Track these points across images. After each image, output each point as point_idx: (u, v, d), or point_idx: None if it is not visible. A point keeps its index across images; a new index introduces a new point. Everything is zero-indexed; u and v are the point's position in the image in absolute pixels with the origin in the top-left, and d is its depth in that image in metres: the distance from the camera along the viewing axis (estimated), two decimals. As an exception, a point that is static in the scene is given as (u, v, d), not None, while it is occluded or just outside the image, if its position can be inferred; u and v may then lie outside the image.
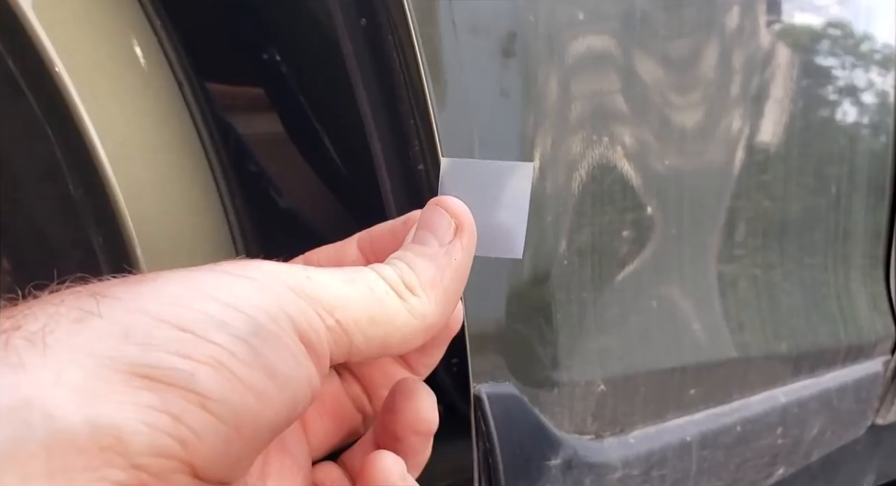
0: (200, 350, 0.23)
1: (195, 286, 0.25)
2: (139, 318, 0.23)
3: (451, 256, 0.31)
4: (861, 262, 0.81)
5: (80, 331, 0.23)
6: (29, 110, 0.45)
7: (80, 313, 0.23)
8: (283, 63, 0.45)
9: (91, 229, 0.46)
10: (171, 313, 0.24)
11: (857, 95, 0.77)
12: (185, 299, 0.24)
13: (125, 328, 0.23)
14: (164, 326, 0.23)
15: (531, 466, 0.46)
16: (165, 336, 0.23)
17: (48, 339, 0.22)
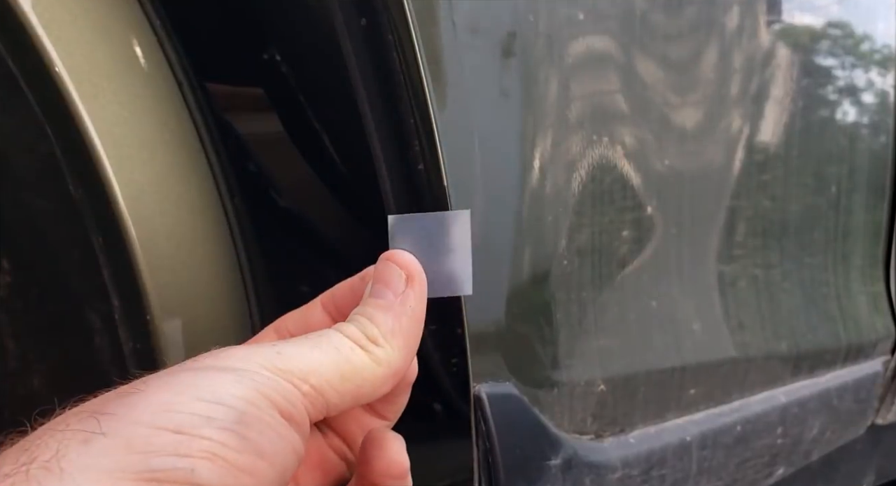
0: (195, 446, 0.27)
1: (180, 390, 0.28)
2: (137, 429, 0.27)
3: (405, 304, 0.34)
4: (861, 261, 0.81)
5: (87, 451, 0.26)
6: (29, 110, 0.45)
7: (86, 434, 0.27)
8: (282, 63, 0.45)
9: (91, 229, 0.47)
10: (164, 419, 0.27)
11: (856, 94, 0.77)
12: (173, 405, 0.27)
13: (127, 441, 0.26)
14: (160, 432, 0.27)
15: (531, 466, 0.46)
16: (163, 441, 0.26)
17: (62, 464, 0.26)
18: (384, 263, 0.35)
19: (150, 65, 0.47)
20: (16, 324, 0.54)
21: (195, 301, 0.47)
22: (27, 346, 0.54)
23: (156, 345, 0.46)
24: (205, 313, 0.48)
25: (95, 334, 0.51)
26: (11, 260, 0.52)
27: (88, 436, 0.27)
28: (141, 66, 0.46)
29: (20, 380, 0.55)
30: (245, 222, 0.49)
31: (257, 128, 0.50)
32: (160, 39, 0.47)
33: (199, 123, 0.48)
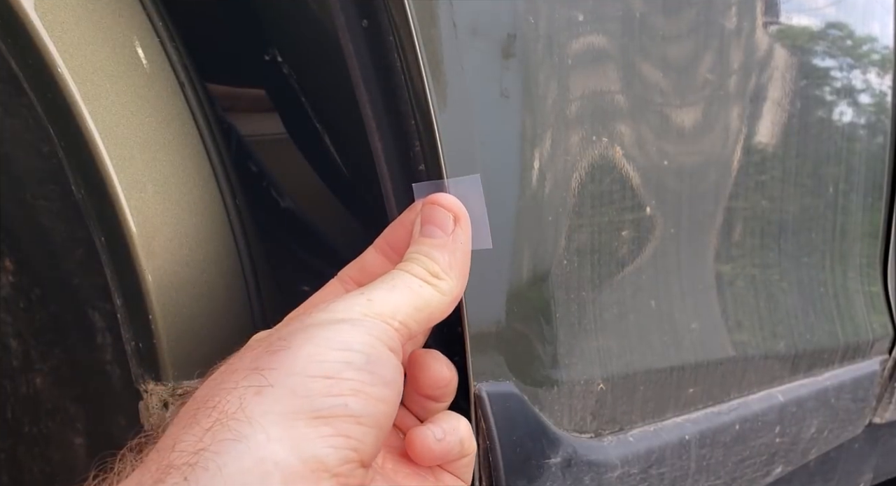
0: (343, 387, 0.34)
1: (318, 343, 0.35)
2: (296, 379, 0.34)
3: (457, 241, 0.40)
4: (858, 261, 0.81)
5: (263, 401, 0.33)
6: (32, 111, 0.45)
7: (257, 388, 0.33)
8: (284, 64, 0.46)
9: (93, 229, 0.47)
10: (314, 368, 0.34)
11: (854, 95, 0.77)
12: (317, 356, 0.34)
13: (291, 389, 0.33)
14: (315, 379, 0.34)
15: (531, 464, 0.47)
16: (318, 386, 0.34)
17: (247, 413, 0.32)
18: (430, 206, 0.41)
19: (152, 66, 0.47)
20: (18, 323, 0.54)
21: (197, 301, 0.47)
22: (30, 345, 0.55)
23: (157, 344, 0.46)
24: (206, 312, 0.48)
25: (97, 333, 0.51)
26: (14, 260, 0.53)
27: (259, 389, 0.33)
28: (143, 67, 0.46)
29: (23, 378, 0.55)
30: (246, 222, 0.50)
31: (259, 128, 0.50)
32: (162, 40, 0.47)
33: (201, 124, 0.48)
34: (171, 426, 0.34)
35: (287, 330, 0.36)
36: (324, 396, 0.33)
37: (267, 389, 0.33)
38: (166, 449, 0.32)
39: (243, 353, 0.37)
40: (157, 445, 0.33)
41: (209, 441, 0.32)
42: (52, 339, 0.54)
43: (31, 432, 0.55)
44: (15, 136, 0.48)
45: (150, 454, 0.33)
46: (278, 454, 0.32)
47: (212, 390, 0.34)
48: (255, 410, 0.33)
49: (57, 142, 0.46)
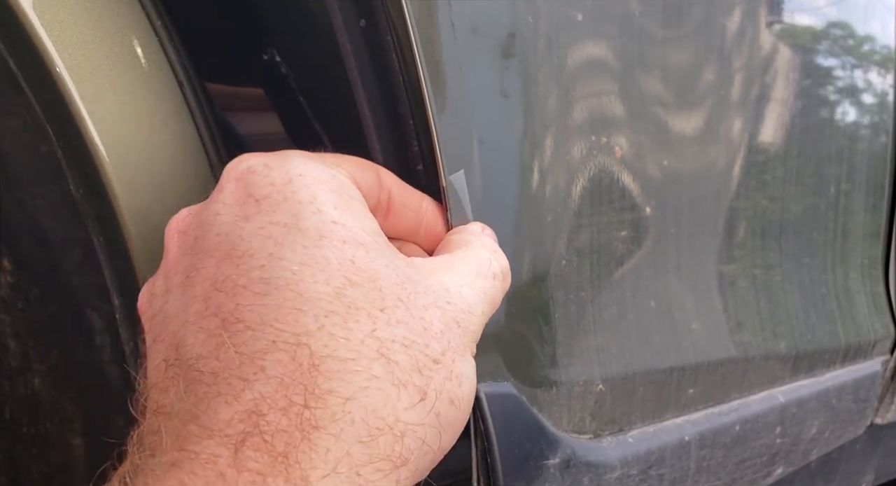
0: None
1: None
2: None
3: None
4: (860, 262, 0.81)
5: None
6: (30, 110, 0.45)
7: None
8: (282, 64, 0.46)
9: (92, 229, 0.47)
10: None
11: (856, 95, 0.77)
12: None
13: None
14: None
15: (529, 465, 0.46)
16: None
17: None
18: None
19: (151, 65, 0.47)
20: (17, 323, 0.54)
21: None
22: (28, 345, 0.55)
23: (156, 344, 0.46)
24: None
25: (96, 333, 0.51)
26: (13, 260, 0.53)
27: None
28: (141, 66, 0.46)
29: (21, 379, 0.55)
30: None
31: (257, 128, 0.50)
32: (161, 40, 0.47)
33: (200, 124, 0.48)
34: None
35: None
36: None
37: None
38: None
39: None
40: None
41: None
42: (51, 339, 0.53)
43: (30, 432, 0.55)
44: (13, 135, 0.48)
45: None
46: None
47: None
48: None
49: (55, 141, 0.46)
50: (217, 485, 0.27)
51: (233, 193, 0.34)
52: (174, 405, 0.30)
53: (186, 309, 0.32)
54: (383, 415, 0.30)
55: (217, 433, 0.28)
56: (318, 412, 0.28)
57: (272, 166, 0.34)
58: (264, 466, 0.27)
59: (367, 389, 0.29)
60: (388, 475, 0.29)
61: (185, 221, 0.36)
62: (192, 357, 0.31)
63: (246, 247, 0.32)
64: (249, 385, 0.29)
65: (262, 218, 0.32)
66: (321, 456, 0.28)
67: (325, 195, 0.33)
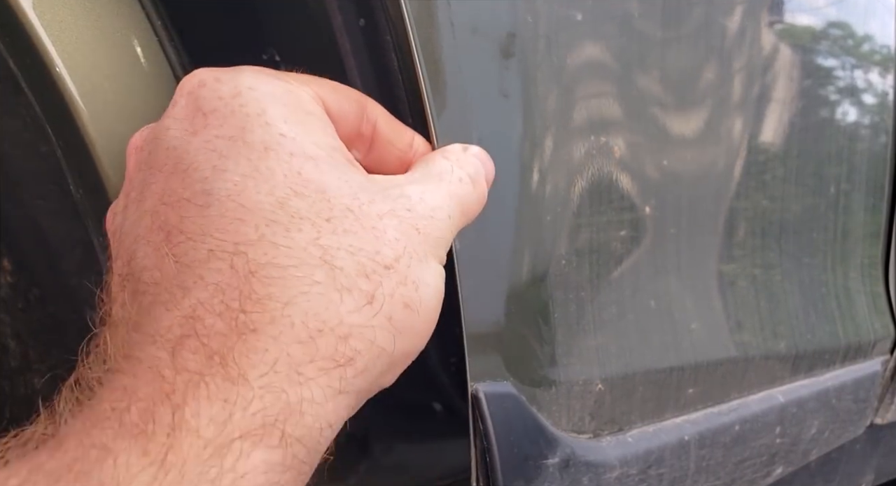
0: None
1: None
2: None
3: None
4: (860, 262, 0.81)
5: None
6: (30, 111, 0.45)
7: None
8: (282, 63, 0.46)
9: (91, 229, 0.47)
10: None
11: (856, 95, 0.77)
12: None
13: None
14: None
15: (529, 465, 0.46)
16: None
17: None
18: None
19: (151, 65, 0.47)
20: (17, 323, 0.54)
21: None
22: (28, 345, 0.55)
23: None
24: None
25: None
26: (13, 260, 0.52)
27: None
28: (141, 66, 0.46)
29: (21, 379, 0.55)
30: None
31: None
32: (161, 40, 0.47)
33: (199, 124, 0.48)
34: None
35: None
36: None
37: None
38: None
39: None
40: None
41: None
42: (51, 339, 0.53)
43: (30, 432, 0.55)
44: (13, 135, 0.48)
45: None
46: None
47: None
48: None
49: (55, 141, 0.46)
50: (157, 385, 0.28)
51: (183, 108, 0.34)
52: (119, 315, 0.31)
53: (138, 224, 0.33)
54: (324, 318, 0.30)
55: (158, 339, 0.29)
56: (254, 315, 0.29)
57: (222, 80, 0.34)
58: (201, 365, 0.28)
59: (308, 294, 0.30)
60: (330, 372, 0.30)
61: (142, 135, 0.36)
62: (138, 270, 0.32)
63: (191, 160, 0.32)
64: (188, 293, 0.30)
65: (208, 132, 0.33)
66: (259, 356, 0.29)
67: (276, 109, 0.33)
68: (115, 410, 0.27)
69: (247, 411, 0.28)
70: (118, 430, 0.27)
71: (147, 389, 0.28)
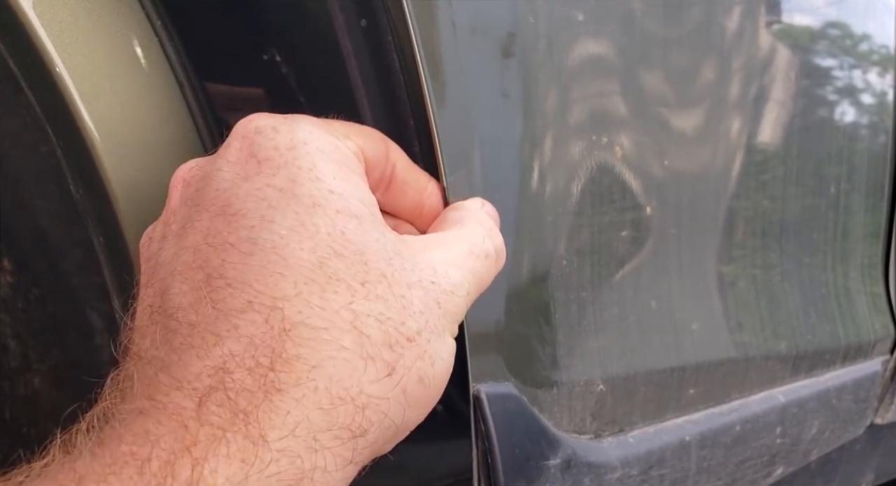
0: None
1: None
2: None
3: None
4: (860, 262, 0.81)
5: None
6: (30, 111, 0.45)
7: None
8: (283, 64, 0.45)
9: (91, 229, 0.47)
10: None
11: (856, 95, 0.77)
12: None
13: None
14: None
15: (530, 465, 0.46)
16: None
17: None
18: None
19: (151, 65, 0.47)
20: (17, 324, 0.54)
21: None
22: (28, 345, 0.54)
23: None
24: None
25: (96, 333, 0.51)
26: (13, 260, 0.52)
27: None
28: (141, 66, 0.46)
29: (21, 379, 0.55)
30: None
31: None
32: (161, 40, 0.47)
33: (200, 124, 0.48)
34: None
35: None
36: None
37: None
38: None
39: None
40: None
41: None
42: (51, 339, 0.53)
43: (30, 433, 0.55)
44: (13, 135, 0.48)
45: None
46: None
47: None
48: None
49: (55, 141, 0.45)
50: (180, 435, 0.28)
51: (237, 151, 0.34)
52: (149, 353, 0.31)
53: (177, 258, 0.33)
54: (347, 386, 0.30)
55: (185, 385, 0.29)
56: (282, 375, 0.29)
57: (279, 130, 0.34)
58: (225, 421, 0.28)
59: (335, 359, 0.30)
60: (346, 443, 0.30)
61: (191, 171, 0.36)
62: (173, 307, 0.31)
63: (240, 206, 0.32)
64: (221, 342, 0.30)
65: (260, 180, 0.33)
66: (281, 418, 0.29)
67: (326, 165, 0.33)
68: (135, 456, 0.27)
69: (262, 473, 0.28)
70: (137, 480, 0.27)
71: (169, 438, 0.28)
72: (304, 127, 0.34)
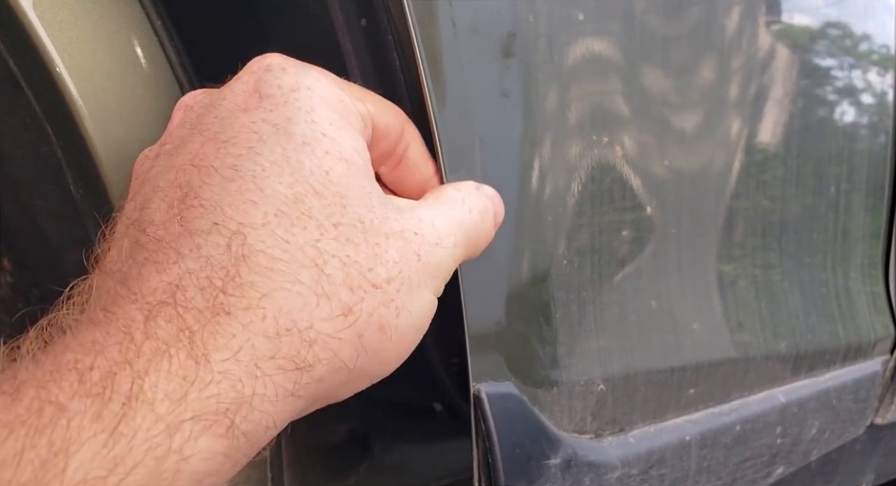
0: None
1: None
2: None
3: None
4: (860, 262, 0.81)
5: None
6: (30, 110, 0.45)
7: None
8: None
9: (91, 229, 0.47)
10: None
11: (855, 95, 0.77)
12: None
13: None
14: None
15: (531, 465, 0.46)
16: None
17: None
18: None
19: (151, 65, 0.47)
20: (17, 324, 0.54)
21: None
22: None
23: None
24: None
25: (96, 333, 0.51)
26: (13, 260, 0.52)
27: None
28: (142, 66, 0.46)
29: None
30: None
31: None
32: (161, 40, 0.47)
33: (200, 124, 0.48)
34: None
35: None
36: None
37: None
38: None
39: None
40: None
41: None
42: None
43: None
44: (13, 135, 0.48)
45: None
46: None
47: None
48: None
49: (55, 141, 0.45)
50: (125, 347, 0.28)
51: (244, 84, 0.35)
52: (115, 265, 0.31)
53: (162, 176, 0.33)
54: (296, 318, 0.30)
55: (139, 299, 0.29)
56: (232, 299, 0.29)
57: (287, 71, 0.35)
58: (171, 337, 0.28)
59: (288, 291, 0.30)
60: (287, 374, 0.30)
61: (196, 97, 0.37)
62: (146, 221, 0.32)
63: (233, 134, 0.33)
64: (181, 259, 0.30)
65: (257, 114, 0.33)
66: (225, 340, 0.29)
67: (325, 112, 0.34)
68: (77, 364, 0.27)
69: (202, 393, 0.28)
70: (77, 388, 0.27)
71: (114, 350, 0.28)
72: (313, 74, 0.35)
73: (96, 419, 0.26)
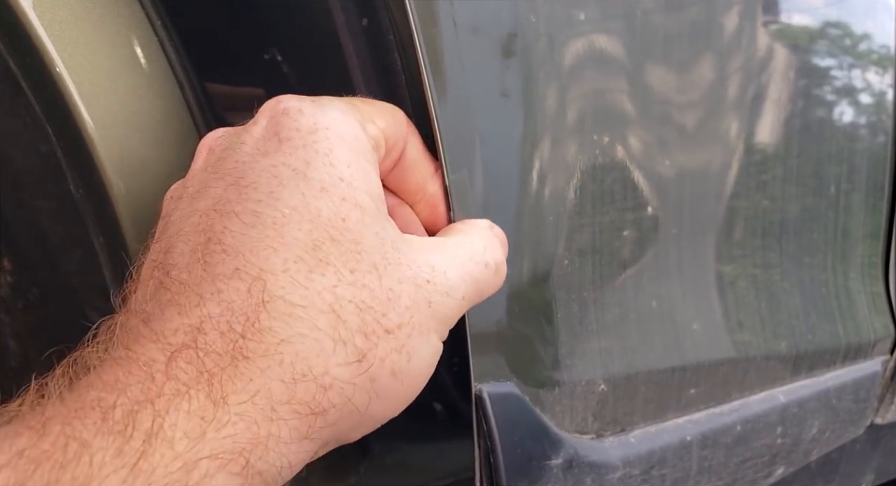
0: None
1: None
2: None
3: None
4: (860, 262, 0.81)
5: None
6: (30, 111, 0.45)
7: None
8: (284, 63, 0.45)
9: (91, 229, 0.46)
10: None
11: (855, 94, 0.77)
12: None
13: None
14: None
15: (532, 465, 0.46)
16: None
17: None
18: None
19: (151, 65, 0.47)
20: (17, 324, 0.54)
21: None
22: (28, 345, 0.54)
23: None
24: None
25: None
26: (13, 260, 0.52)
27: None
28: (142, 66, 0.46)
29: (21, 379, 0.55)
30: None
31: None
32: (161, 40, 0.47)
33: (200, 124, 0.48)
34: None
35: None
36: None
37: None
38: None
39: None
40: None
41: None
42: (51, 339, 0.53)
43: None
44: (13, 135, 0.47)
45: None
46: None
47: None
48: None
49: (55, 141, 0.45)
50: (146, 387, 0.29)
51: (262, 128, 0.36)
52: (139, 306, 0.32)
53: (186, 219, 0.34)
54: (312, 364, 0.31)
55: (161, 339, 0.30)
56: (251, 344, 0.30)
57: (304, 113, 0.35)
58: (191, 378, 0.29)
59: (305, 337, 0.31)
60: (303, 418, 0.31)
61: (218, 140, 0.38)
62: (171, 264, 0.33)
63: (254, 179, 0.34)
64: (203, 303, 0.31)
65: (277, 157, 0.34)
66: (243, 384, 0.30)
67: (343, 152, 0.35)
68: (101, 403, 0.28)
69: (219, 432, 0.29)
70: (100, 426, 0.27)
71: (136, 389, 0.29)
72: (330, 113, 0.36)
73: (117, 455, 0.27)
